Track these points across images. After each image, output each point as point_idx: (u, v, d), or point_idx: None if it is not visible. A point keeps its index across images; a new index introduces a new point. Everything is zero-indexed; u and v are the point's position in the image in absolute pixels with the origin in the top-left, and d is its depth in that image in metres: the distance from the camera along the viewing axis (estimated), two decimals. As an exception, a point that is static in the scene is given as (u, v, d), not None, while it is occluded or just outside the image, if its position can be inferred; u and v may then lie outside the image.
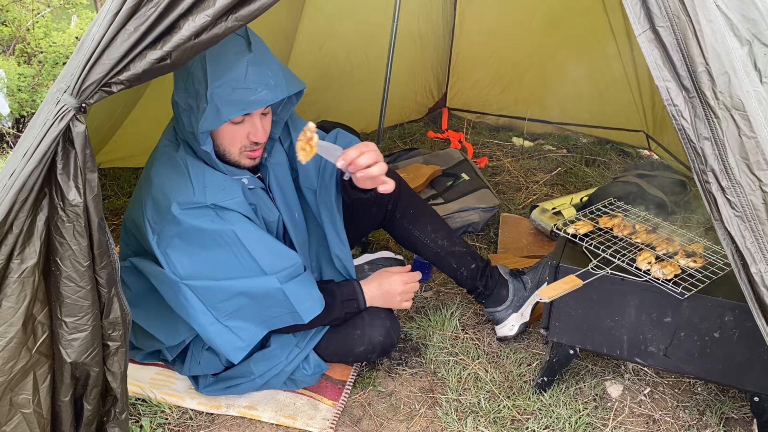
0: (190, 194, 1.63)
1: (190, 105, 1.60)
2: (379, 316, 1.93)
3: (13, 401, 1.38)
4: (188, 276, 1.66)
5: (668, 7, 1.22)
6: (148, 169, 1.74)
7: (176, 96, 1.63)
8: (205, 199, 1.63)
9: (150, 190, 1.67)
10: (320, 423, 1.84)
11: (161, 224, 1.65)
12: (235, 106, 1.56)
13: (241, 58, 1.55)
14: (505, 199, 3.17)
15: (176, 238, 1.64)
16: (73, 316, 1.37)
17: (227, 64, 1.54)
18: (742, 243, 1.26)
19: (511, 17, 3.62)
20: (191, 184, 1.64)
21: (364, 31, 3.33)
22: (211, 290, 1.67)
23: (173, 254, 1.65)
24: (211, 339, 1.71)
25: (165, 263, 1.65)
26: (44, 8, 4.25)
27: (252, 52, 1.57)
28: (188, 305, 1.67)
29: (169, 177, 1.66)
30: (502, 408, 1.91)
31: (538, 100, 3.84)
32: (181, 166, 1.67)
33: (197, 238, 1.64)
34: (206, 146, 1.63)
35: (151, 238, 1.65)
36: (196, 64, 1.56)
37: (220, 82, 1.54)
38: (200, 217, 1.63)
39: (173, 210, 1.61)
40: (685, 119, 1.26)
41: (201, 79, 1.55)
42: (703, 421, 1.90)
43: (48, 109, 1.27)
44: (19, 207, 1.28)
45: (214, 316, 1.68)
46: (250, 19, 1.27)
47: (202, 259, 1.66)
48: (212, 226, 1.63)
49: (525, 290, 2.15)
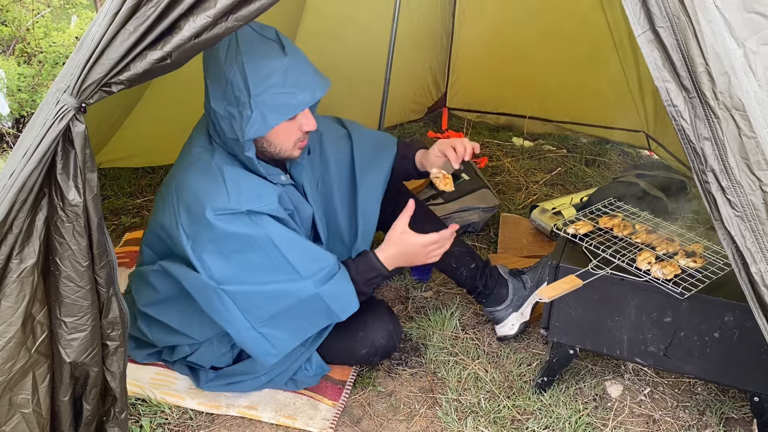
0: (224, 201, 1.64)
1: (230, 113, 1.61)
2: (382, 318, 1.93)
3: (13, 401, 1.38)
4: (224, 280, 1.66)
5: (668, 8, 1.21)
6: (178, 175, 1.73)
7: (213, 104, 1.63)
8: (239, 205, 1.64)
9: (183, 196, 1.68)
10: (320, 423, 1.84)
11: (195, 229, 1.65)
12: (279, 112, 1.60)
13: (278, 63, 1.58)
14: (505, 199, 3.17)
15: (210, 243, 1.65)
16: (73, 316, 1.37)
17: (266, 71, 1.56)
18: (743, 243, 1.26)
19: (511, 17, 3.62)
20: (226, 191, 1.64)
21: (364, 32, 3.33)
22: (246, 295, 1.67)
23: (208, 259, 1.65)
24: (244, 343, 1.72)
25: (200, 268, 1.66)
26: (44, 8, 4.25)
27: (287, 56, 1.60)
28: (224, 310, 1.67)
29: (203, 184, 1.67)
30: (502, 408, 1.91)
31: (538, 99, 3.84)
32: (217, 173, 1.67)
33: (232, 243, 1.64)
34: (250, 152, 1.65)
35: (186, 244, 1.66)
36: (234, 71, 1.57)
37: (261, 89, 1.57)
38: (234, 222, 1.63)
39: (207, 215, 1.62)
40: (685, 120, 1.26)
41: (241, 88, 1.57)
42: (703, 421, 1.90)
43: (48, 109, 1.27)
44: (19, 207, 1.28)
45: (250, 323, 1.68)
46: (250, 19, 1.27)
47: (237, 263, 1.66)
48: (246, 230, 1.64)
49: (525, 289, 2.15)
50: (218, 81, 1.61)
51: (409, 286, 2.48)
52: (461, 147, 1.92)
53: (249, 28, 1.59)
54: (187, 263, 1.70)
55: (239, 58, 1.56)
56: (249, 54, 1.57)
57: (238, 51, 1.57)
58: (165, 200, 1.73)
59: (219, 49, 1.59)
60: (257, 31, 1.61)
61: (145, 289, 1.85)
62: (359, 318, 1.90)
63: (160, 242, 1.80)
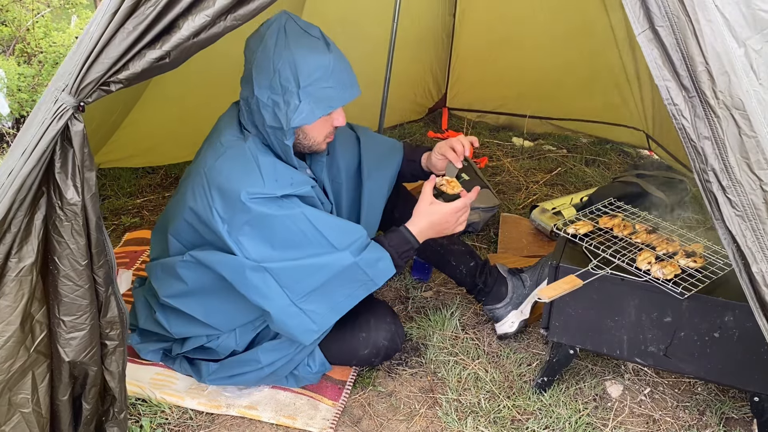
0: (260, 185, 1.68)
1: (275, 101, 1.66)
2: (385, 320, 1.93)
3: (12, 401, 1.38)
4: (263, 259, 1.70)
5: (668, 7, 1.21)
6: (208, 162, 1.75)
7: (257, 92, 1.68)
8: (274, 191, 1.69)
9: (216, 181, 1.71)
10: (320, 423, 1.84)
11: (231, 213, 1.69)
12: (323, 104, 1.68)
13: (325, 59, 1.66)
14: (505, 199, 3.16)
15: (246, 225, 1.69)
16: (71, 315, 1.37)
17: (314, 65, 1.64)
18: (743, 242, 1.26)
19: (511, 17, 3.62)
20: (261, 177, 1.69)
21: (364, 32, 3.33)
22: (287, 270, 1.71)
23: (245, 241, 1.69)
24: (284, 320, 1.74)
25: (238, 250, 1.69)
26: (44, 8, 4.25)
27: (332, 53, 1.68)
28: (264, 287, 1.70)
29: (237, 169, 1.71)
30: (502, 408, 1.91)
31: (538, 98, 3.83)
32: (251, 159, 1.72)
33: (268, 224, 1.69)
34: (290, 140, 1.71)
35: (221, 228, 1.69)
36: (283, 62, 1.63)
37: (310, 81, 1.64)
38: (268, 204, 1.69)
39: (243, 198, 1.66)
40: (686, 118, 1.26)
41: (290, 78, 1.63)
42: (703, 421, 1.90)
43: (46, 108, 1.26)
44: (17, 206, 1.28)
45: (290, 298, 1.72)
46: (249, 18, 1.27)
47: (274, 242, 1.70)
48: (281, 212, 1.69)
49: (524, 288, 2.15)
50: (265, 70, 1.66)
51: (409, 286, 2.48)
52: (459, 145, 1.97)
53: (295, 24, 1.67)
54: (219, 249, 1.74)
55: (290, 49, 1.63)
56: (299, 47, 1.64)
57: (288, 44, 1.64)
58: (194, 187, 1.75)
59: (268, 40, 1.65)
60: (303, 27, 1.68)
61: (171, 280, 1.85)
62: (361, 319, 1.91)
63: (190, 230, 1.81)
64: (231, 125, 1.81)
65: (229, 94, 2.97)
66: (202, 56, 1.48)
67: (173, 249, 1.86)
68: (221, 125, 1.84)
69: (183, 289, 1.83)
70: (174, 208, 1.86)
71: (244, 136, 1.78)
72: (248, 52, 1.72)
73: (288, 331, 1.77)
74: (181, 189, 1.85)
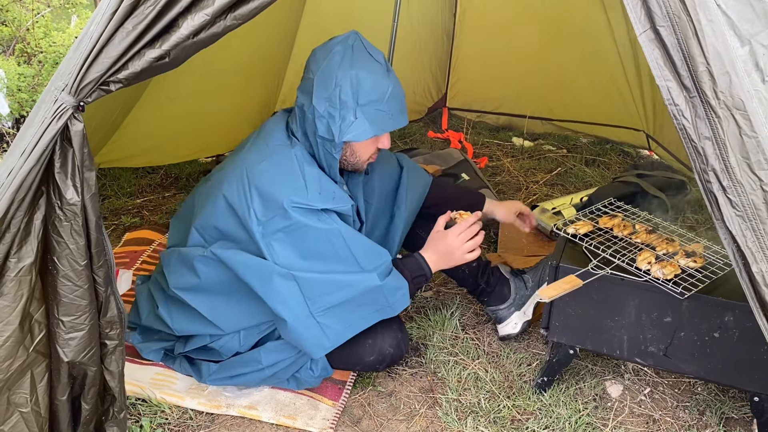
0: (303, 195, 1.72)
1: (331, 114, 1.70)
2: (391, 327, 1.93)
3: (11, 400, 1.38)
4: (293, 267, 1.72)
5: (669, 7, 1.21)
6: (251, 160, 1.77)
7: (315, 102, 1.71)
8: (317, 203, 1.73)
9: (259, 181, 1.73)
10: (320, 423, 1.84)
11: (269, 216, 1.71)
12: (377, 125, 1.72)
13: (385, 83, 1.72)
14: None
15: (282, 232, 1.72)
16: (71, 315, 1.37)
17: (374, 86, 1.70)
18: (743, 242, 1.26)
19: (511, 17, 3.62)
20: (305, 187, 1.73)
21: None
22: (315, 282, 1.73)
23: (278, 246, 1.72)
24: (299, 330, 1.74)
25: (268, 254, 1.71)
26: (44, 8, 4.25)
27: (391, 81, 1.73)
28: (288, 295, 1.72)
29: (283, 175, 1.74)
30: (502, 408, 1.91)
31: (538, 99, 3.83)
32: (297, 167, 1.76)
33: (304, 234, 1.72)
34: (338, 153, 1.76)
35: (256, 229, 1.72)
36: (346, 77, 1.68)
37: (367, 101, 1.69)
38: (308, 215, 1.72)
39: (285, 205, 1.69)
40: (686, 119, 1.26)
41: (349, 94, 1.68)
42: (703, 421, 1.90)
43: (46, 108, 1.26)
44: (17, 206, 1.27)
45: (309, 310, 1.74)
46: (249, 17, 1.27)
47: (305, 253, 1.73)
48: (320, 225, 1.73)
49: (526, 288, 2.15)
50: (327, 82, 1.69)
51: (408, 286, 2.48)
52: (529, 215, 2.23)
53: (362, 45, 1.74)
54: (244, 249, 1.75)
55: (355, 67, 1.68)
56: (363, 67, 1.69)
57: (353, 62, 1.69)
58: (232, 183, 1.77)
59: (335, 55, 1.70)
60: (369, 50, 1.74)
61: (184, 270, 1.85)
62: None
63: (220, 219, 1.80)
64: (279, 130, 1.84)
65: (230, 94, 2.99)
66: (203, 56, 1.48)
67: (193, 241, 1.86)
68: (268, 128, 1.87)
69: (194, 283, 1.83)
70: (203, 199, 1.87)
71: (291, 142, 1.80)
72: (313, 63, 1.75)
73: (300, 342, 1.77)
74: (213, 182, 1.87)
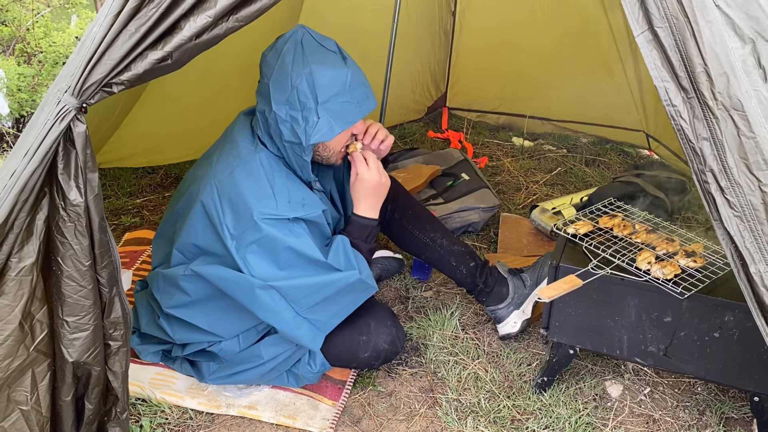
0: (273, 207, 1.70)
1: (293, 117, 1.67)
2: (385, 323, 1.94)
3: (11, 397, 1.39)
4: (270, 278, 1.71)
5: (667, 8, 1.22)
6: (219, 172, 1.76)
7: (275, 107, 1.68)
8: (286, 212, 1.71)
9: (228, 195, 1.72)
10: (320, 423, 1.84)
11: (241, 230, 1.70)
12: (343, 120, 1.69)
13: (342, 73, 1.67)
14: (505, 199, 3.17)
15: (255, 244, 1.70)
16: (75, 316, 1.38)
17: (331, 80, 1.65)
18: (741, 243, 1.26)
19: (511, 17, 3.62)
20: (274, 198, 1.72)
21: (364, 32, 3.34)
22: (296, 288, 1.74)
23: (252, 259, 1.71)
24: (291, 331, 1.76)
25: (245, 268, 1.71)
26: (44, 8, 4.25)
27: (349, 68, 1.68)
28: (272, 304, 1.73)
29: (251, 187, 1.72)
30: (502, 408, 1.91)
31: (538, 99, 3.83)
32: (265, 178, 1.74)
33: (276, 245, 1.71)
34: (308, 156, 1.73)
35: (230, 243, 1.71)
36: (301, 78, 1.63)
37: (328, 96, 1.65)
38: (278, 226, 1.70)
39: (255, 217, 1.68)
40: (684, 119, 1.26)
41: (308, 94, 1.64)
42: (703, 421, 1.90)
43: (49, 109, 1.27)
44: (20, 207, 1.28)
45: (295, 311, 1.76)
46: (251, 19, 1.27)
47: (281, 263, 1.72)
48: (289, 236, 1.71)
49: (525, 287, 2.16)
50: (283, 86, 1.66)
51: (409, 286, 2.48)
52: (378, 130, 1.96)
53: (311, 38, 1.68)
54: (222, 262, 1.75)
55: (307, 65, 1.63)
56: (316, 63, 1.64)
57: (305, 59, 1.64)
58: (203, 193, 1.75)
59: (285, 56, 1.66)
60: (319, 41, 1.69)
61: (173, 290, 1.86)
62: (361, 322, 1.91)
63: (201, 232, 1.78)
64: (244, 136, 1.81)
65: (229, 94, 2.99)
66: (203, 57, 1.48)
67: (176, 260, 1.85)
68: (235, 135, 1.84)
69: (185, 300, 1.84)
70: (182, 219, 1.84)
71: (256, 148, 1.78)
72: (265, 67, 1.71)
73: (296, 340, 1.80)
74: (187, 198, 1.84)
